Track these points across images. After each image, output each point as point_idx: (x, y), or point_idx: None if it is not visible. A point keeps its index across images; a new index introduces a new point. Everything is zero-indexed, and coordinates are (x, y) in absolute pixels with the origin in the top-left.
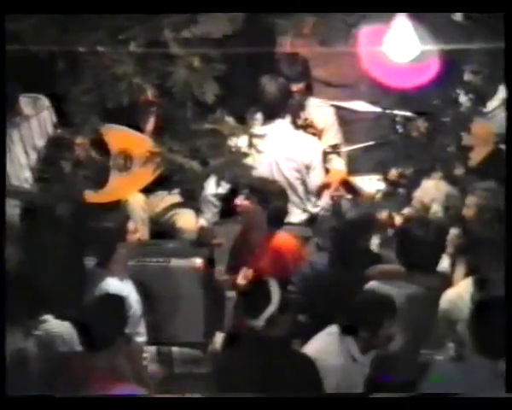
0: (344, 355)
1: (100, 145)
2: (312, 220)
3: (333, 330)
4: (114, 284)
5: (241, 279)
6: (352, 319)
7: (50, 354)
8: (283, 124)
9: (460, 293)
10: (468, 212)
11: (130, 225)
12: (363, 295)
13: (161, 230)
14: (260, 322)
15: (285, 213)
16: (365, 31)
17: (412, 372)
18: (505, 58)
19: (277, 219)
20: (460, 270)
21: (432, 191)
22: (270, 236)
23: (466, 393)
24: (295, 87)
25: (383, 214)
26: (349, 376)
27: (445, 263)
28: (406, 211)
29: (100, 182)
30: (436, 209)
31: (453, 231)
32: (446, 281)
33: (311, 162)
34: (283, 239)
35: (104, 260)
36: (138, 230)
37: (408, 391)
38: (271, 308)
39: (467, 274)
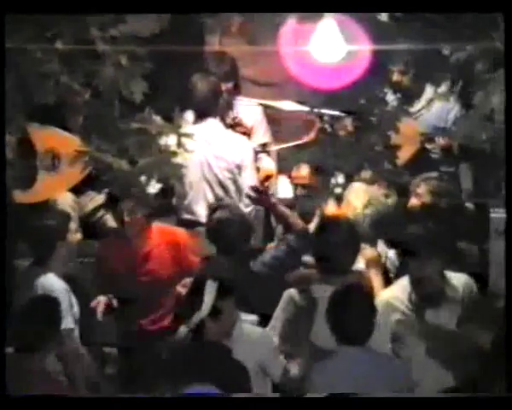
0: None
1: (27, 144)
2: None
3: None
4: (52, 282)
5: (180, 288)
6: None
7: None
8: (214, 123)
9: (396, 293)
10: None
11: (72, 225)
12: None
13: (91, 229)
14: (190, 326)
15: None
16: (292, 30)
17: None
18: (505, 58)
19: None
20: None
21: (360, 193)
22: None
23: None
24: (224, 86)
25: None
26: None
27: (361, 262)
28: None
29: (27, 182)
30: (365, 211)
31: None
32: (363, 280)
33: (242, 162)
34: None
35: (42, 259)
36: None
37: None
38: (200, 314)
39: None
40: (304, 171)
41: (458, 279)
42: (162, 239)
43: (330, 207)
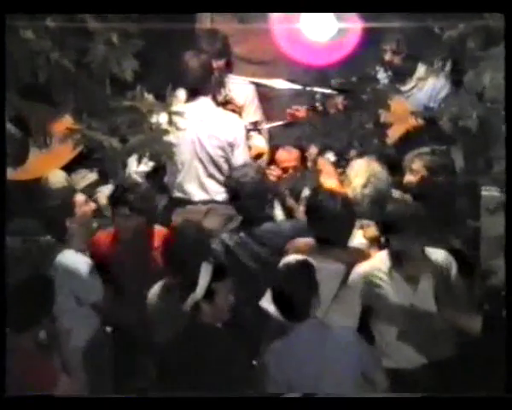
0: None
1: (19, 122)
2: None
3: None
4: (74, 259)
5: None
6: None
7: None
8: (206, 101)
9: (374, 266)
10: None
11: (78, 198)
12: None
13: None
14: (186, 307)
15: None
16: None
17: None
18: (506, 58)
19: None
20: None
21: (361, 170)
22: None
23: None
24: (216, 64)
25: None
26: None
27: (359, 238)
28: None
29: (20, 160)
30: (363, 190)
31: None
32: (360, 256)
33: (234, 140)
34: None
35: (58, 237)
36: (88, 201)
37: None
38: (195, 296)
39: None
40: (291, 155)
41: (438, 255)
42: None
43: (330, 183)
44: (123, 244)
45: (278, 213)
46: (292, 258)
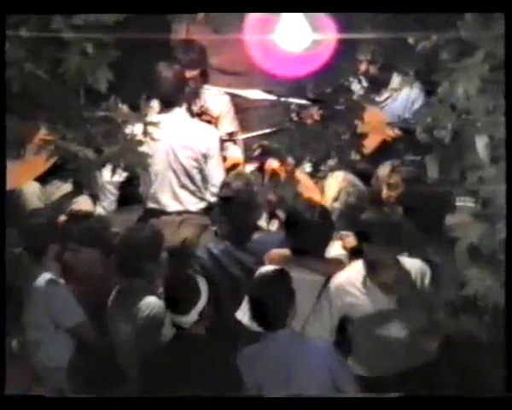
0: None
1: None
2: (210, 209)
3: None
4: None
5: None
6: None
7: None
8: (180, 112)
9: (350, 277)
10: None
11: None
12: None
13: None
14: (193, 317)
15: None
16: (258, 19)
17: None
18: (505, 58)
19: None
20: None
21: (333, 184)
22: None
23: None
24: (190, 74)
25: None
26: None
27: (337, 249)
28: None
29: None
30: (333, 204)
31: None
32: (338, 267)
33: (208, 151)
34: None
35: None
36: None
37: None
38: (203, 302)
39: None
40: (274, 164)
41: (413, 264)
42: None
43: (309, 194)
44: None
45: (264, 222)
46: (268, 267)
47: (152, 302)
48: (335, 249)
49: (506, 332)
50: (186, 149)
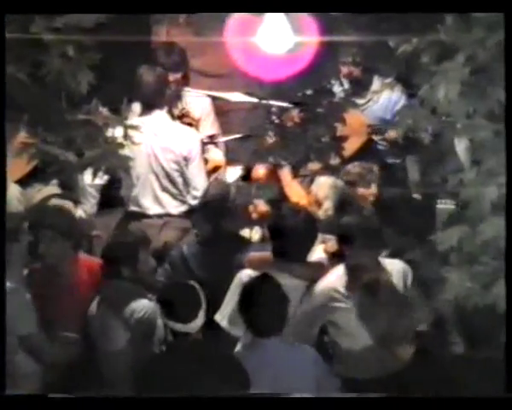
0: None
1: None
2: (191, 212)
3: None
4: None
5: None
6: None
7: None
8: (161, 115)
9: (332, 281)
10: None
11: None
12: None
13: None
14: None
15: None
16: (239, 21)
17: None
18: (505, 58)
19: None
20: None
21: (325, 187)
22: None
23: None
24: (172, 77)
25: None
26: None
27: (319, 253)
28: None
29: None
30: (327, 206)
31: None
32: (320, 271)
33: (189, 154)
34: None
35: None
36: None
37: None
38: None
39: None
40: (261, 170)
41: (394, 266)
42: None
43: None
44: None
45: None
46: (248, 272)
47: (146, 305)
48: (317, 253)
49: (506, 332)
50: (167, 151)
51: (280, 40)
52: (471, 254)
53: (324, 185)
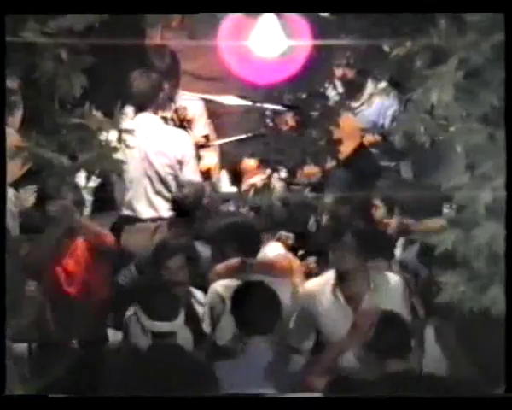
0: None
1: None
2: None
3: None
4: None
5: None
6: None
7: None
8: (154, 119)
9: (320, 285)
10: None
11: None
12: None
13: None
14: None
15: None
16: (233, 25)
17: None
18: (505, 58)
19: None
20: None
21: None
22: None
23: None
24: (165, 80)
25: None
26: None
27: (276, 248)
28: None
29: None
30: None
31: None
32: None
33: (183, 157)
34: None
35: None
36: None
37: None
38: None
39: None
40: (251, 163)
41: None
42: None
43: None
44: None
45: None
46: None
47: None
48: (275, 249)
49: (506, 333)
50: (161, 155)
51: (273, 43)
52: (465, 258)
53: None
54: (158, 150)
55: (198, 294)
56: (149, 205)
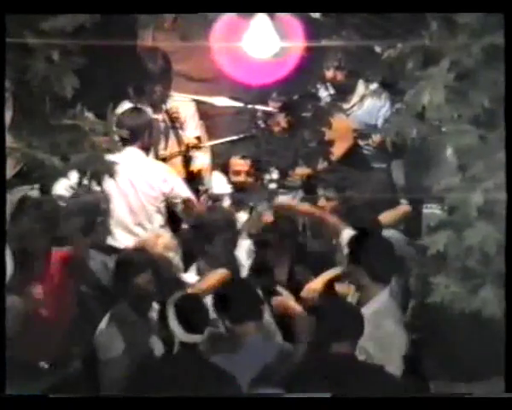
0: None
1: None
2: None
3: None
4: None
5: None
6: None
7: None
8: (141, 154)
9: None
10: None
11: None
12: None
13: None
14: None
15: None
16: (225, 26)
17: None
18: (505, 58)
19: None
20: None
21: None
22: None
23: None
24: (157, 83)
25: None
26: None
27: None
28: None
29: None
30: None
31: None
32: None
33: (171, 192)
34: None
35: None
36: None
37: None
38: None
39: None
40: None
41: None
42: None
43: None
44: None
45: None
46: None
47: None
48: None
49: (506, 332)
50: (148, 188)
51: (265, 45)
52: (457, 259)
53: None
54: (145, 184)
55: None
56: (130, 234)
